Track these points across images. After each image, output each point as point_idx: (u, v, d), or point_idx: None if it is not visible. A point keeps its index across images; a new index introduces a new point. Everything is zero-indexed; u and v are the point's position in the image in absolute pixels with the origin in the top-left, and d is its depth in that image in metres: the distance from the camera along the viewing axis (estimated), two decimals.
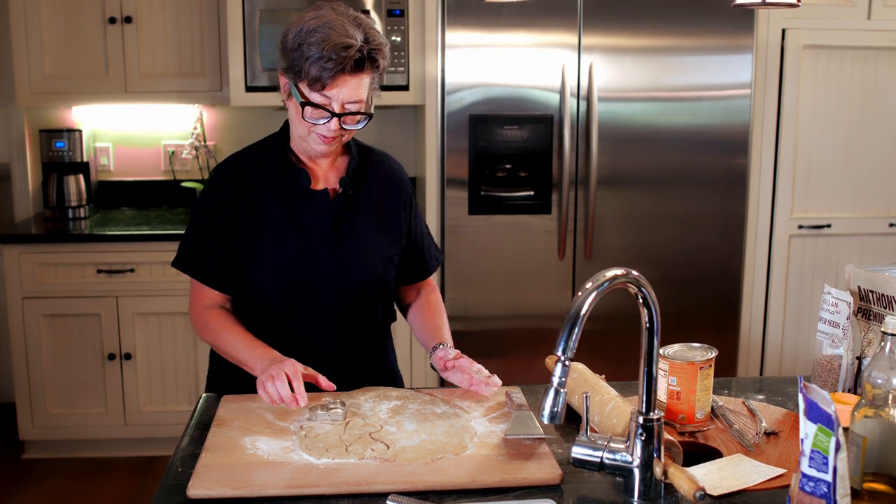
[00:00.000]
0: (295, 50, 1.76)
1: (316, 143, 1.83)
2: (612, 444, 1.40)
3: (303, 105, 1.78)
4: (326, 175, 1.92)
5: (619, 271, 1.35)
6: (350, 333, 1.94)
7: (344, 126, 1.80)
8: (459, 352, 1.84)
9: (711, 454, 1.56)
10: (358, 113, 1.80)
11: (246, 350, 1.81)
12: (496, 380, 1.76)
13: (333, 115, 1.77)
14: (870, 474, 1.31)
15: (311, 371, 1.73)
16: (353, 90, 1.77)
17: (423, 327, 2.01)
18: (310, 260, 1.87)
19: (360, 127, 1.83)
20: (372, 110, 1.85)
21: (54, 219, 3.80)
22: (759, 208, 3.78)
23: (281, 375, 1.65)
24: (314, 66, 1.73)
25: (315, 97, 1.77)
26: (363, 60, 1.75)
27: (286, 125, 1.93)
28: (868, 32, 3.68)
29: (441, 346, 1.88)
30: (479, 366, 1.80)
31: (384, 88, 3.57)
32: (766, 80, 3.69)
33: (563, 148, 3.31)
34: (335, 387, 1.72)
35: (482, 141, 3.36)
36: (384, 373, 2.04)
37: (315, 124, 1.79)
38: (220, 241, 1.89)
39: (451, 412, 1.66)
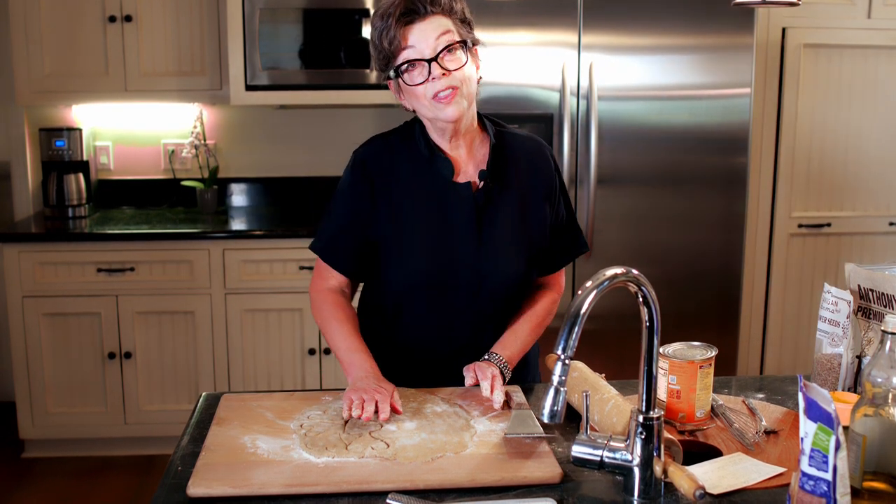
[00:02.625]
0: (373, 41, 1.74)
1: (441, 110, 1.74)
2: (612, 443, 1.40)
3: (396, 76, 1.74)
4: (466, 167, 1.84)
5: (619, 270, 1.35)
6: (486, 330, 1.87)
7: (446, 66, 1.70)
8: (492, 371, 1.73)
9: (711, 453, 1.56)
10: (454, 44, 1.71)
11: (347, 351, 1.78)
12: (497, 398, 1.68)
13: (429, 61, 1.70)
14: (870, 473, 1.31)
15: (396, 399, 1.66)
16: (433, 30, 1.70)
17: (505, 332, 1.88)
18: (447, 257, 1.82)
19: (465, 63, 1.72)
20: (474, 44, 1.77)
21: (54, 218, 3.79)
22: (758, 207, 3.78)
23: (372, 401, 1.60)
24: (384, 37, 1.71)
25: (406, 57, 1.72)
26: (419, 5, 1.69)
27: (413, 122, 1.86)
28: (868, 31, 3.68)
29: (488, 357, 1.79)
30: (498, 389, 1.69)
31: (381, 88, 3.57)
32: (765, 79, 3.69)
33: (562, 147, 3.31)
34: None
35: None
36: (518, 367, 1.90)
37: (423, 84, 1.71)
38: (354, 226, 1.85)
39: (451, 411, 1.66)
